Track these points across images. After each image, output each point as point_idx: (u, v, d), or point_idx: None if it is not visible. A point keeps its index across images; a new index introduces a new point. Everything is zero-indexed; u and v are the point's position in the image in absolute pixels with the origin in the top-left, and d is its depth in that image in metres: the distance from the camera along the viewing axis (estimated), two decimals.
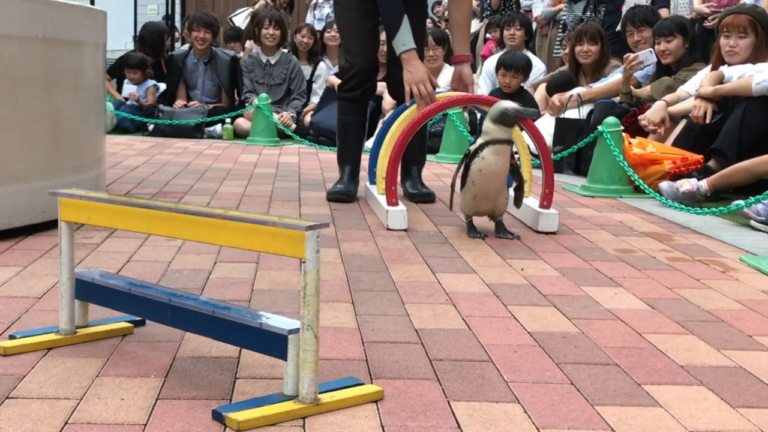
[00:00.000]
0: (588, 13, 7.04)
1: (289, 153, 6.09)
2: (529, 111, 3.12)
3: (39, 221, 2.97)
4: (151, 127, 7.24)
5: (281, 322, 1.54)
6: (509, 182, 3.18)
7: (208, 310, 1.62)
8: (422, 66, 3.56)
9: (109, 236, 2.93)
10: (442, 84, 6.59)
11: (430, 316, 2.11)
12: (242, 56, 7.81)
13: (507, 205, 3.17)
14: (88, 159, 3.31)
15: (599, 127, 4.35)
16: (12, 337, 1.81)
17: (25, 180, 2.92)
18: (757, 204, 3.43)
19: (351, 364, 1.75)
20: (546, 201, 3.32)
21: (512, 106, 3.02)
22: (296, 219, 1.48)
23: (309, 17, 10.00)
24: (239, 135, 7.11)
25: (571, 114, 5.39)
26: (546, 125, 5.42)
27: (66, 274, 1.81)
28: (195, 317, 1.64)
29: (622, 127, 4.39)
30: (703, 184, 3.94)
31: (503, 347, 1.89)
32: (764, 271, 2.70)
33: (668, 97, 4.75)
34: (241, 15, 9.08)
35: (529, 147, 3.70)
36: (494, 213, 3.14)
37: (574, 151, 4.88)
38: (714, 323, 2.13)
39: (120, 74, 7.84)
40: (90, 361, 1.73)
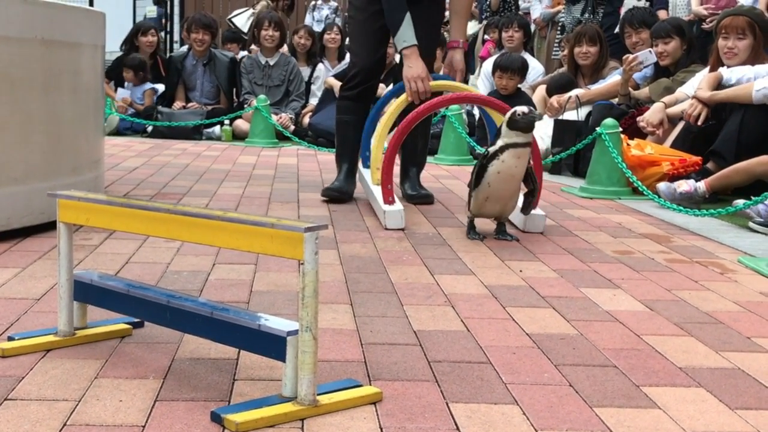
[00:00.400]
0: (586, 15, 7.05)
1: (288, 154, 6.09)
2: (535, 114, 3.07)
3: (37, 223, 2.97)
4: (150, 129, 7.24)
5: (280, 324, 1.54)
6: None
7: (207, 312, 1.62)
8: (422, 63, 3.58)
9: (108, 238, 2.93)
10: None
11: (429, 318, 2.11)
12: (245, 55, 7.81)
13: (513, 210, 3.14)
14: (87, 160, 3.31)
15: (598, 129, 4.35)
16: (11, 339, 1.81)
17: (24, 181, 2.92)
18: (758, 204, 3.43)
19: (349, 366, 1.75)
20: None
21: (520, 110, 2.97)
22: (295, 220, 1.48)
23: (308, 18, 10.01)
24: (238, 136, 7.11)
25: (570, 115, 5.40)
26: (545, 127, 5.42)
27: (65, 276, 1.81)
28: (194, 319, 1.64)
29: (621, 129, 4.40)
30: (701, 186, 3.95)
31: (502, 349, 1.89)
32: (762, 273, 2.70)
33: (666, 99, 4.75)
34: (242, 16, 9.06)
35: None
36: (501, 216, 3.11)
37: (573, 153, 4.89)
38: (712, 325, 2.13)
39: (117, 75, 7.82)
40: (89, 363, 1.73)
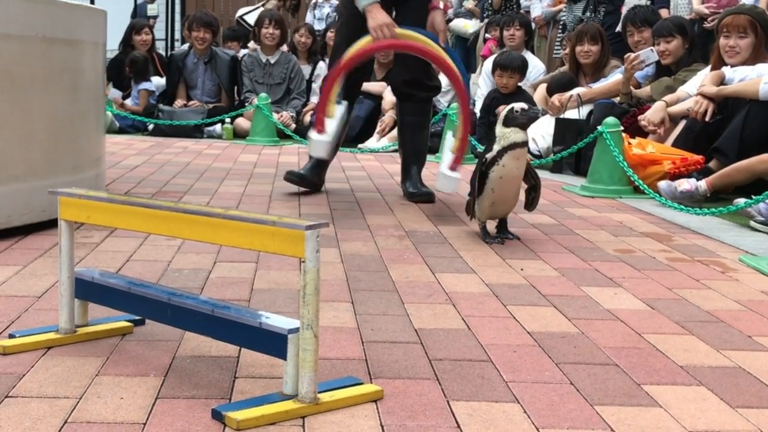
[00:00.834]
0: (588, 14, 7.04)
1: (289, 153, 6.08)
2: (535, 110, 3.06)
3: (38, 220, 2.97)
4: (151, 127, 7.24)
5: (281, 322, 1.54)
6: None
7: (208, 310, 1.62)
8: (385, 15, 3.60)
9: (109, 235, 2.93)
10: (443, 82, 6.60)
11: (430, 316, 2.11)
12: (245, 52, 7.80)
13: (515, 206, 3.12)
14: (88, 158, 3.31)
15: (599, 128, 4.35)
16: (12, 336, 1.81)
17: (25, 179, 2.92)
18: (758, 203, 3.43)
19: (350, 364, 1.75)
20: (454, 163, 3.35)
21: (519, 106, 2.97)
22: (296, 218, 1.48)
23: (309, 17, 9.99)
24: (239, 135, 7.11)
25: (571, 114, 5.39)
26: (546, 125, 5.42)
27: (66, 273, 1.81)
28: (194, 316, 1.64)
29: (622, 128, 4.39)
30: (702, 184, 3.94)
31: (503, 347, 1.89)
32: (764, 272, 2.70)
33: (668, 98, 4.75)
34: (254, 14, 9.04)
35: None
36: (506, 215, 3.10)
37: (574, 152, 4.88)
38: (713, 323, 2.13)
39: (114, 75, 7.79)
40: (89, 360, 1.73)
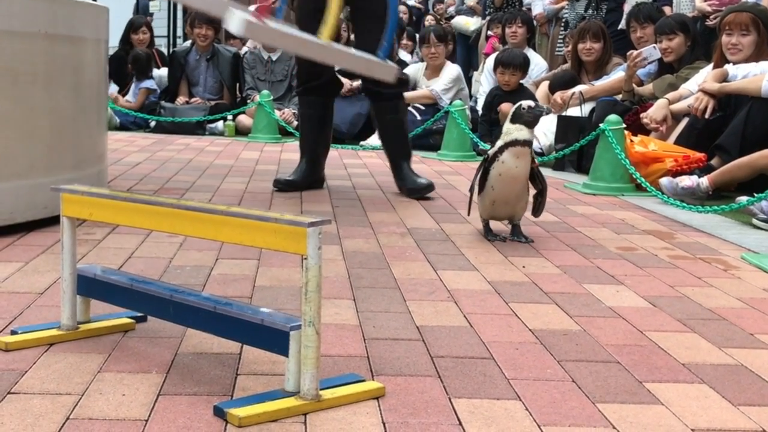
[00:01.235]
0: (590, 11, 7.04)
1: (291, 150, 6.07)
2: (540, 107, 3.03)
3: (41, 217, 2.97)
4: (153, 124, 7.24)
5: (283, 319, 1.54)
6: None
7: (210, 307, 1.62)
8: None
9: (111, 232, 2.93)
10: (443, 82, 6.62)
11: (432, 314, 2.11)
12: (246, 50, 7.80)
13: (525, 210, 3.07)
14: (90, 155, 3.31)
15: (601, 125, 4.35)
16: (14, 333, 1.81)
17: (27, 176, 2.92)
18: (761, 201, 3.43)
19: (352, 361, 1.75)
20: (259, 12, 3.01)
21: (526, 103, 2.94)
22: (298, 216, 1.48)
23: None
24: (241, 132, 7.11)
25: (573, 112, 5.39)
26: (548, 123, 5.42)
27: (68, 270, 1.81)
28: (197, 313, 1.64)
29: (624, 125, 4.39)
30: (704, 181, 3.94)
31: (504, 344, 1.89)
32: (766, 270, 2.70)
33: (670, 95, 4.75)
34: None
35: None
36: (513, 218, 3.05)
37: (576, 149, 4.88)
38: (715, 321, 2.13)
39: (113, 72, 7.79)
40: (91, 357, 1.73)
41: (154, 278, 2.22)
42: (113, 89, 7.62)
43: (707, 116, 4.33)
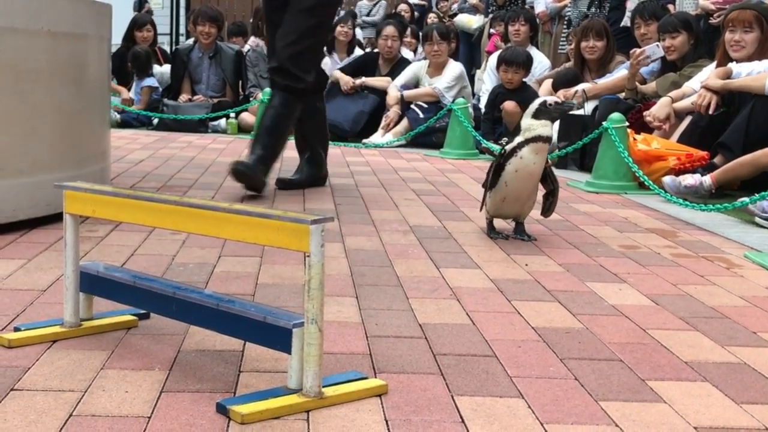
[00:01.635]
0: (593, 9, 7.04)
1: (293, 147, 6.07)
2: (569, 103, 3.00)
3: (43, 214, 2.97)
4: (156, 122, 7.24)
5: (285, 316, 1.54)
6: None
7: (213, 304, 1.62)
8: None
9: (114, 229, 2.94)
10: (446, 80, 6.61)
11: (434, 311, 2.11)
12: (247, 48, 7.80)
13: (532, 209, 3.04)
14: (93, 152, 3.31)
15: (604, 123, 4.35)
16: (17, 330, 1.82)
17: (30, 173, 2.92)
18: (762, 201, 3.42)
19: (355, 358, 1.75)
20: None
21: (551, 99, 2.91)
22: (301, 213, 1.48)
23: None
24: (243, 129, 7.10)
25: (576, 110, 5.38)
26: None
27: (71, 267, 1.81)
28: (199, 310, 1.64)
29: (627, 123, 4.39)
30: (707, 179, 3.94)
31: (507, 342, 1.89)
32: None
33: (673, 94, 4.74)
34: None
35: None
36: (519, 216, 3.03)
37: (579, 147, 4.88)
38: (718, 319, 2.13)
39: (115, 70, 7.79)
40: (94, 354, 1.73)
41: (157, 275, 2.22)
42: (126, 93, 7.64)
43: (711, 113, 4.33)
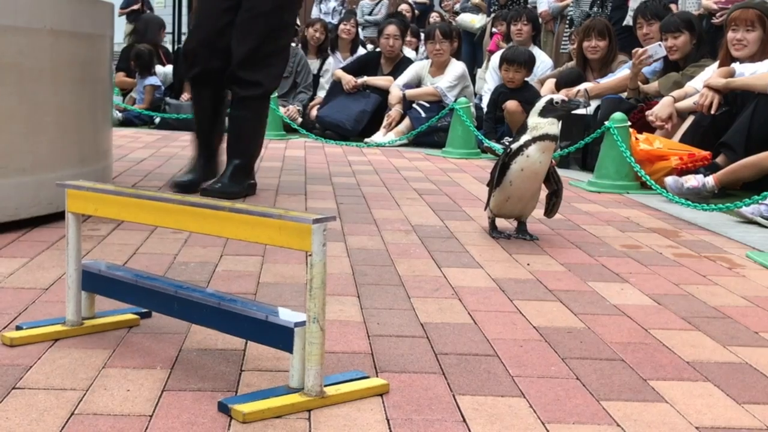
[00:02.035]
0: (595, 9, 7.03)
1: (295, 146, 6.08)
2: (576, 101, 2.99)
3: (45, 213, 2.97)
4: (158, 120, 7.25)
5: (287, 315, 1.54)
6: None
7: (215, 303, 1.62)
8: None
9: (116, 228, 2.94)
10: (448, 80, 6.61)
11: (436, 311, 2.11)
12: None
13: (534, 209, 3.04)
14: (95, 151, 3.31)
15: (606, 123, 4.35)
16: (19, 328, 1.82)
17: (32, 172, 2.92)
18: (758, 205, 3.41)
19: (356, 358, 1.75)
20: None
21: (558, 97, 2.90)
22: (303, 212, 1.48)
23: (315, 11, 9.98)
24: None
25: (578, 109, 5.38)
26: None
27: (73, 266, 1.81)
28: (201, 309, 1.64)
29: (629, 123, 4.39)
30: (710, 180, 3.93)
31: (509, 342, 1.89)
32: None
33: (676, 93, 4.74)
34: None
35: None
36: (521, 216, 3.02)
37: (581, 147, 4.88)
38: (720, 319, 2.13)
39: (119, 67, 7.81)
40: (96, 353, 1.73)
41: (159, 274, 2.22)
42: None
43: (713, 112, 4.32)
